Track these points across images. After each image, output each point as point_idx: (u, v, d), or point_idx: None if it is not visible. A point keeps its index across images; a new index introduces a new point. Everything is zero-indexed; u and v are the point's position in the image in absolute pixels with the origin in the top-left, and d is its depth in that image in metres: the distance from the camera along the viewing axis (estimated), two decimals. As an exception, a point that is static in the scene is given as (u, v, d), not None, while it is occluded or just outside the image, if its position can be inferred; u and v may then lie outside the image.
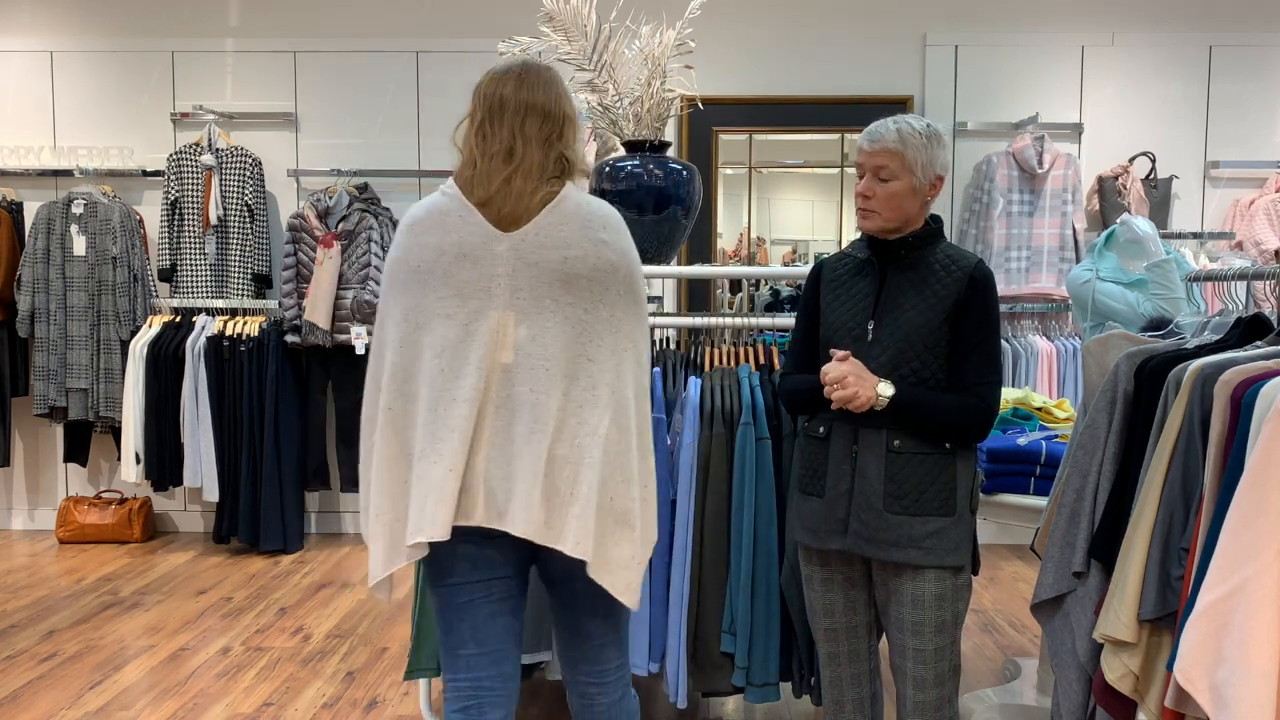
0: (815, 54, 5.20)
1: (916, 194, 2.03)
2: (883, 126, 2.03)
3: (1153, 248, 3.26)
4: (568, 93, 1.90)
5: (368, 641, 3.77)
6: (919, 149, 2.01)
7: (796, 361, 2.21)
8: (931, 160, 2.02)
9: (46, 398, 5.00)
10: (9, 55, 5.28)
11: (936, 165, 2.04)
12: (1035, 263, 5.00)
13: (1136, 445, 1.93)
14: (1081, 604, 1.98)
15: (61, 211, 4.99)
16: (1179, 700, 1.57)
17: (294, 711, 3.15)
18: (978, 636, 3.80)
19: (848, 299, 2.12)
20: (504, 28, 3.50)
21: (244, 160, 5.09)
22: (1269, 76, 5.15)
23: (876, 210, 2.04)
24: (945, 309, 2.01)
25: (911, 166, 2.01)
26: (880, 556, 2.03)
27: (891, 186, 2.02)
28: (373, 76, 5.26)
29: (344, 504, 5.41)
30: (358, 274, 4.92)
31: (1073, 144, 5.13)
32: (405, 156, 5.28)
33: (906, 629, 2.05)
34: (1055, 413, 2.96)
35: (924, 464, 2.01)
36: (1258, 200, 5.03)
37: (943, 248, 2.08)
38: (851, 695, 2.21)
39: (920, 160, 2.01)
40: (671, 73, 3.05)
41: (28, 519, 5.47)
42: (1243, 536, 1.47)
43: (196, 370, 4.89)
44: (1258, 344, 1.91)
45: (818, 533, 2.09)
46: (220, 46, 5.27)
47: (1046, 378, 4.85)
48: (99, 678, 3.40)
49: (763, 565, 2.70)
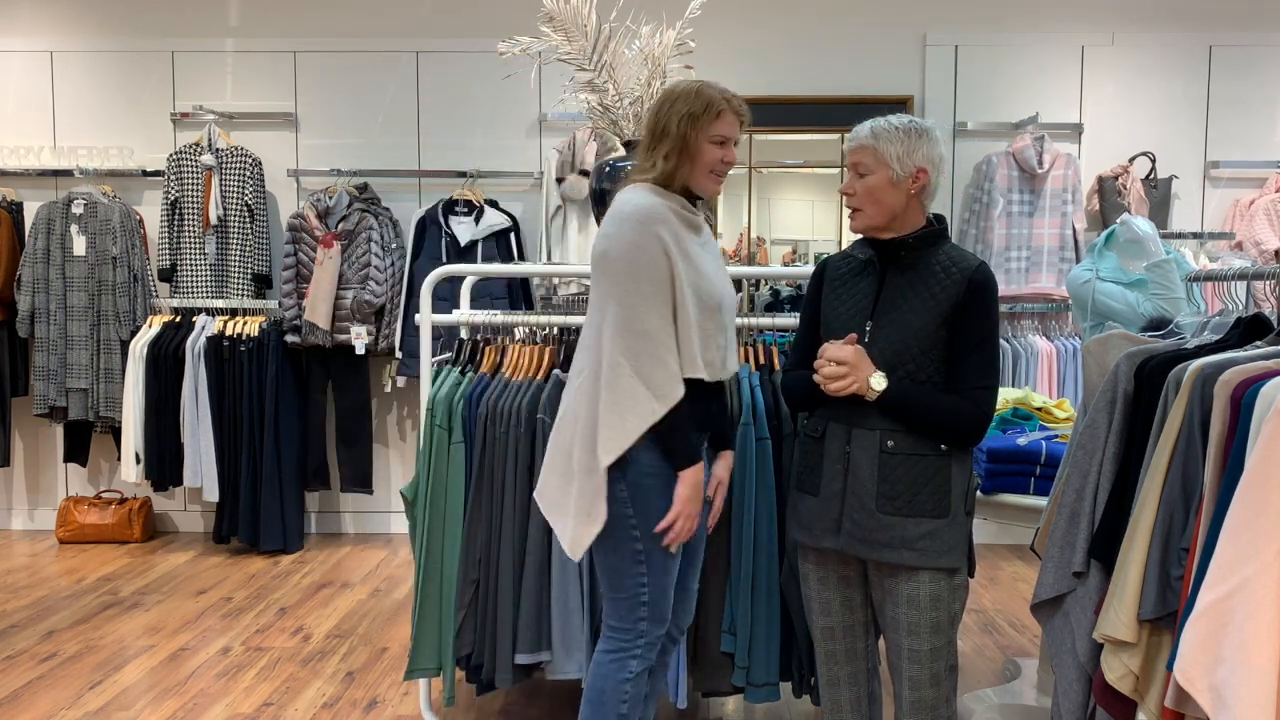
0: (815, 54, 5.20)
1: (896, 186, 2.03)
2: (860, 126, 2.08)
3: (1153, 248, 3.26)
4: (671, 108, 2.16)
5: (368, 641, 3.77)
6: (892, 140, 2.02)
7: (798, 359, 2.22)
8: (909, 151, 2.02)
9: (46, 398, 5.00)
10: (9, 55, 5.28)
11: (917, 157, 2.02)
12: (1035, 263, 4.99)
13: (1136, 445, 1.93)
14: (1081, 604, 1.98)
15: (61, 211, 4.99)
16: (1179, 700, 1.57)
17: (294, 711, 3.15)
18: (978, 636, 3.80)
19: (848, 298, 2.12)
20: (504, 28, 3.49)
21: (244, 160, 5.09)
22: (1269, 76, 5.15)
23: (859, 207, 2.07)
24: (943, 311, 2.01)
25: (885, 159, 2.02)
26: (873, 557, 2.03)
27: (868, 181, 2.04)
28: (373, 76, 5.26)
29: (344, 504, 5.41)
30: (358, 274, 4.92)
31: (1073, 144, 5.13)
32: (405, 156, 5.28)
33: (902, 629, 2.05)
34: (1055, 413, 2.96)
35: (917, 465, 2.00)
36: (1258, 200, 5.02)
37: (945, 249, 2.07)
38: (849, 694, 2.21)
39: (894, 152, 2.01)
40: (671, 73, 3.05)
41: (28, 519, 5.47)
42: (1243, 536, 1.47)
43: (196, 370, 4.89)
44: (1258, 344, 1.91)
45: (812, 530, 2.10)
46: (220, 46, 5.27)
47: (1046, 378, 4.85)
48: (99, 678, 3.40)
49: (763, 565, 2.70)
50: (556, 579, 2.72)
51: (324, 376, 5.10)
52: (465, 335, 3.11)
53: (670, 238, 2.11)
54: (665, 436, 2.12)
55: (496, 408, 2.79)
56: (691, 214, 2.20)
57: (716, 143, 2.16)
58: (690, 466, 2.13)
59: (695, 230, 2.20)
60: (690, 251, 2.15)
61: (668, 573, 2.20)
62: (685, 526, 2.15)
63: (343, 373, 5.06)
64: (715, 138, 2.15)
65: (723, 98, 2.17)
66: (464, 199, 5.03)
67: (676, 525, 2.14)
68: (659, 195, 2.17)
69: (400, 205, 5.19)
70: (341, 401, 5.11)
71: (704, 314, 2.14)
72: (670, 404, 2.08)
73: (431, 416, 2.84)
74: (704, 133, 2.15)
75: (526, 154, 5.25)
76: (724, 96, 2.17)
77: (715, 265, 2.24)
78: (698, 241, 2.19)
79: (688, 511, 2.14)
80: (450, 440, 2.83)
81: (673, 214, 2.15)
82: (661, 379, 2.09)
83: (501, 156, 5.22)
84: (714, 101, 2.16)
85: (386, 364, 5.13)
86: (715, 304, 2.17)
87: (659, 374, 2.09)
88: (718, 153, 2.17)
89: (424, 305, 2.99)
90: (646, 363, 2.09)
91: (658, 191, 2.18)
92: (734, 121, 2.18)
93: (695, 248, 2.17)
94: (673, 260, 2.11)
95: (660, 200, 2.16)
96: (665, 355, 2.09)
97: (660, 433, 2.11)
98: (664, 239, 2.11)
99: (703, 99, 2.16)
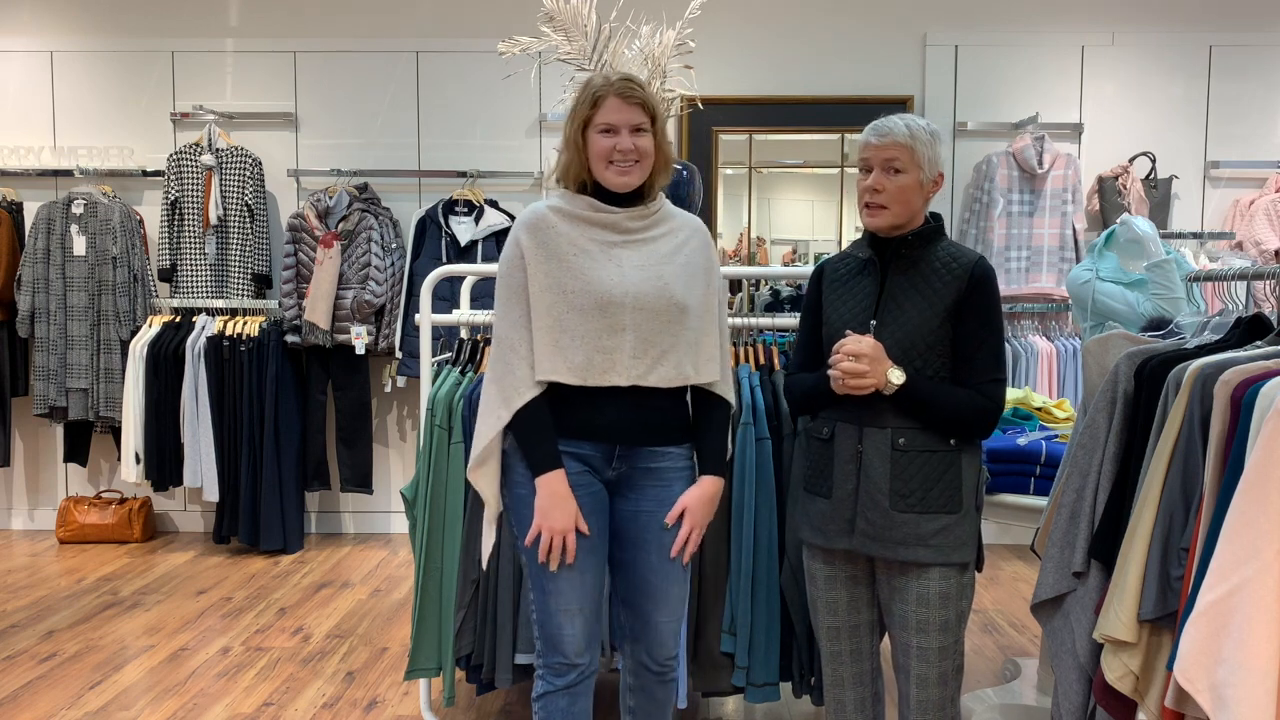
0: (815, 54, 5.20)
1: (922, 189, 2.05)
2: (890, 122, 2.04)
3: (1153, 248, 3.26)
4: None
5: (368, 641, 3.77)
6: (926, 145, 2.03)
7: (801, 362, 2.21)
8: (935, 157, 2.05)
9: (46, 398, 5.00)
10: (9, 55, 5.28)
11: (939, 163, 2.06)
12: (1035, 263, 5.00)
13: (1136, 445, 1.93)
14: (1081, 604, 1.98)
15: (61, 211, 4.99)
16: (1179, 700, 1.57)
17: (294, 711, 3.15)
18: (978, 636, 3.80)
19: (850, 298, 2.12)
20: (504, 28, 3.50)
21: (244, 160, 5.09)
22: (1269, 76, 5.15)
23: (886, 205, 2.03)
24: (946, 306, 2.02)
25: (920, 161, 2.02)
26: (888, 555, 2.03)
27: (902, 180, 2.02)
28: (373, 76, 5.26)
29: (344, 504, 5.41)
30: (358, 274, 4.92)
31: (1073, 144, 5.13)
32: (405, 156, 5.28)
33: (911, 627, 2.05)
34: (1055, 413, 2.96)
35: (929, 462, 2.01)
36: (1258, 200, 5.02)
37: (943, 245, 2.08)
38: (853, 694, 2.21)
39: (927, 156, 2.03)
40: (671, 73, 3.05)
41: (28, 519, 5.47)
42: (1243, 536, 1.47)
43: (196, 370, 4.89)
44: (1258, 344, 1.91)
45: (825, 532, 2.09)
46: (220, 46, 5.27)
47: (1046, 378, 4.85)
48: (99, 678, 3.40)
49: (763, 565, 2.70)
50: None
51: (324, 376, 5.10)
52: (465, 335, 3.11)
53: (532, 242, 2.05)
54: (522, 441, 2.05)
55: (496, 408, 2.78)
56: (604, 212, 2.07)
57: (602, 131, 2.02)
58: (546, 473, 2.02)
59: (610, 229, 2.07)
60: (563, 252, 2.04)
61: (550, 594, 2.07)
62: (550, 541, 2.03)
63: (343, 373, 5.06)
64: (600, 126, 2.02)
65: (605, 82, 2.03)
66: (464, 199, 5.03)
67: (542, 539, 2.03)
68: (559, 199, 2.11)
69: (400, 205, 5.19)
70: (341, 401, 5.11)
71: (577, 315, 2.02)
72: (513, 409, 2.02)
73: (431, 416, 2.84)
74: (588, 124, 2.04)
75: (526, 154, 5.25)
76: (607, 81, 2.03)
77: (631, 264, 2.06)
78: (607, 240, 2.07)
79: (548, 523, 2.02)
80: (450, 440, 2.83)
81: (561, 217, 2.07)
82: (508, 384, 2.04)
83: (501, 156, 5.22)
84: (592, 88, 2.04)
85: (386, 364, 5.13)
86: (594, 304, 2.01)
87: (506, 379, 2.05)
88: (607, 142, 2.02)
89: (424, 305, 2.99)
90: (499, 369, 2.06)
91: (562, 195, 2.11)
92: (619, 106, 2.02)
93: (591, 247, 2.05)
94: (528, 264, 2.04)
95: (550, 205, 2.10)
96: (513, 360, 2.04)
97: (517, 438, 2.05)
98: (521, 244, 2.06)
99: (585, 90, 2.06)
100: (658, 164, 2.09)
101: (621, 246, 2.07)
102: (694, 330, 2.10)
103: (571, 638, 2.09)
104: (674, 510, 2.11)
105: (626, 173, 2.04)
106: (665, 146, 2.11)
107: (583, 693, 2.13)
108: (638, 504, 2.12)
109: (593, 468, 2.09)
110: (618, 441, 2.08)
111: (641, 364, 2.04)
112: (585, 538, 2.06)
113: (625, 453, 2.10)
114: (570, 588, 2.07)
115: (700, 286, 2.12)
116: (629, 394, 2.05)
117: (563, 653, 2.10)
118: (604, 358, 2.02)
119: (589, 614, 2.10)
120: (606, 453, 2.09)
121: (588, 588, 2.09)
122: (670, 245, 2.12)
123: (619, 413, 2.07)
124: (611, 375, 2.03)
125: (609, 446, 2.09)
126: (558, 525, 2.02)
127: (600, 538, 2.11)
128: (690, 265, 2.12)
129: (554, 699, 2.11)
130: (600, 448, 2.08)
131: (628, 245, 2.08)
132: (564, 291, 2.03)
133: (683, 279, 2.09)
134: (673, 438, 2.14)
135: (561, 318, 2.02)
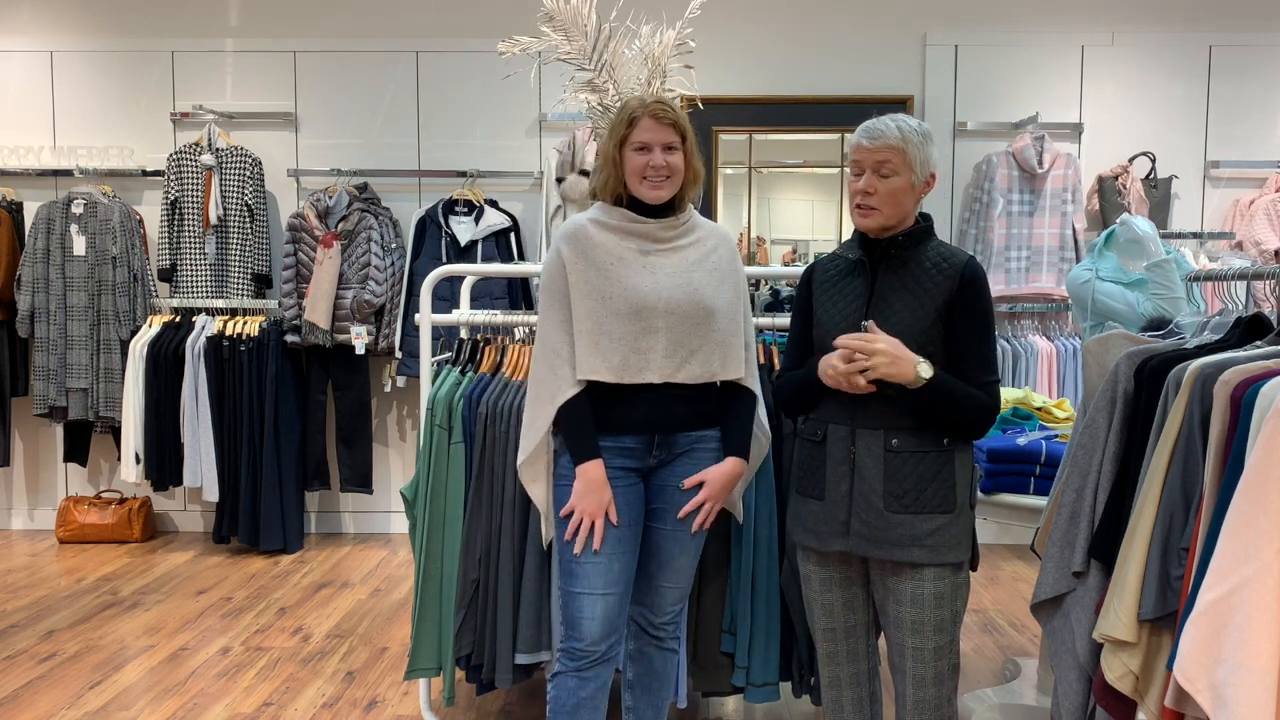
0: (815, 54, 5.20)
1: (914, 191, 2.05)
2: (881, 124, 2.04)
3: (1153, 248, 3.26)
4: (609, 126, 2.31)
5: (368, 641, 3.77)
6: (918, 146, 2.03)
7: (791, 365, 2.22)
8: (927, 158, 2.05)
9: (46, 397, 5.00)
10: (9, 55, 5.28)
11: (931, 164, 2.06)
12: (1035, 263, 5.00)
13: (1136, 445, 1.93)
14: (1081, 604, 1.98)
15: (61, 211, 4.99)
16: (1179, 700, 1.57)
17: (294, 711, 3.15)
18: (978, 636, 3.80)
19: (840, 299, 2.12)
20: (504, 28, 3.50)
21: (244, 160, 5.09)
22: (1269, 76, 5.15)
23: (877, 207, 2.03)
24: (937, 307, 2.02)
25: (912, 163, 2.02)
26: (883, 556, 2.03)
27: (893, 182, 2.02)
28: (373, 76, 5.26)
29: (344, 504, 5.41)
30: (358, 274, 4.92)
31: (1073, 144, 5.13)
32: (405, 156, 5.28)
33: (906, 627, 2.05)
34: (1055, 413, 2.96)
35: (922, 462, 2.01)
36: (1258, 200, 5.02)
37: (933, 245, 2.08)
38: (850, 695, 2.21)
39: (919, 158, 2.03)
40: (671, 73, 3.05)
41: (28, 519, 5.47)
42: (1243, 536, 1.47)
43: (196, 370, 4.89)
44: (1258, 344, 1.91)
45: (819, 534, 2.10)
46: (220, 46, 5.27)
47: (1046, 378, 4.85)
48: (99, 678, 3.40)
49: (763, 565, 2.70)
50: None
51: (324, 376, 5.10)
52: (465, 335, 3.11)
53: (572, 252, 2.23)
54: (565, 435, 2.25)
55: (496, 407, 2.79)
56: (639, 223, 2.25)
57: (637, 149, 2.21)
58: (585, 462, 2.21)
59: (644, 238, 2.25)
60: (601, 261, 2.22)
61: (576, 576, 2.24)
62: (580, 522, 2.21)
63: (343, 372, 5.06)
64: (635, 144, 2.21)
65: (641, 104, 2.23)
66: (464, 199, 5.03)
67: (573, 520, 2.21)
68: (598, 212, 2.29)
69: (400, 205, 5.19)
70: (341, 401, 5.11)
71: (615, 319, 2.20)
72: (557, 404, 2.21)
73: (431, 416, 2.84)
74: (624, 142, 2.22)
75: (526, 154, 5.25)
76: (643, 103, 2.23)
77: (663, 271, 2.24)
78: (642, 248, 2.24)
79: (582, 506, 2.21)
80: (450, 440, 2.83)
81: (599, 228, 2.25)
82: (551, 384, 2.23)
83: (501, 156, 5.22)
84: (628, 109, 2.24)
85: (386, 364, 5.13)
86: (630, 309, 2.20)
87: (549, 380, 2.23)
88: (641, 159, 2.21)
89: (424, 305, 2.99)
90: (542, 370, 2.26)
91: (601, 208, 2.29)
92: (652, 126, 2.21)
93: (627, 255, 2.23)
94: (569, 272, 2.22)
95: (589, 217, 2.28)
96: (555, 362, 2.23)
97: (562, 432, 2.25)
98: (562, 254, 2.24)
99: (623, 111, 2.25)
100: (688, 178, 2.27)
101: (655, 255, 2.26)
102: (721, 331, 2.27)
103: (589, 621, 2.23)
104: (694, 478, 2.30)
105: (659, 187, 2.23)
106: (695, 162, 2.28)
107: (593, 678, 2.27)
108: (668, 479, 2.32)
109: (636, 458, 2.28)
110: (655, 431, 2.28)
111: (672, 362, 2.23)
112: (615, 528, 2.23)
113: (664, 440, 2.29)
114: (595, 572, 2.23)
115: (727, 290, 2.30)
116: (661, 389, 2.24)
117: (579, 635, 2.25)
118: (639, 358, 2.21)
119: (611, 602, 2.24)
120: (647, 442, 2.28)
121: (612, 575, 2.24)
122: (699, 253, 2.30)
123: (652, 407, 2.26)
124: (646, 373, 2.22)
125: (649, 436, 2.28)
126: (589, 508, 2.20)
127: (631, 529, 2.27)
128: (718, 271, 2.30)
129: (564, 679, 2.27)
130: (641, 439, 2.27)
131: (660, 253, 2.26)
132: (603, 298, 2.21)
133: (711, 284, 2.27)
134: (706, 422, 2.33)
135: (601, 322, 2.20)
